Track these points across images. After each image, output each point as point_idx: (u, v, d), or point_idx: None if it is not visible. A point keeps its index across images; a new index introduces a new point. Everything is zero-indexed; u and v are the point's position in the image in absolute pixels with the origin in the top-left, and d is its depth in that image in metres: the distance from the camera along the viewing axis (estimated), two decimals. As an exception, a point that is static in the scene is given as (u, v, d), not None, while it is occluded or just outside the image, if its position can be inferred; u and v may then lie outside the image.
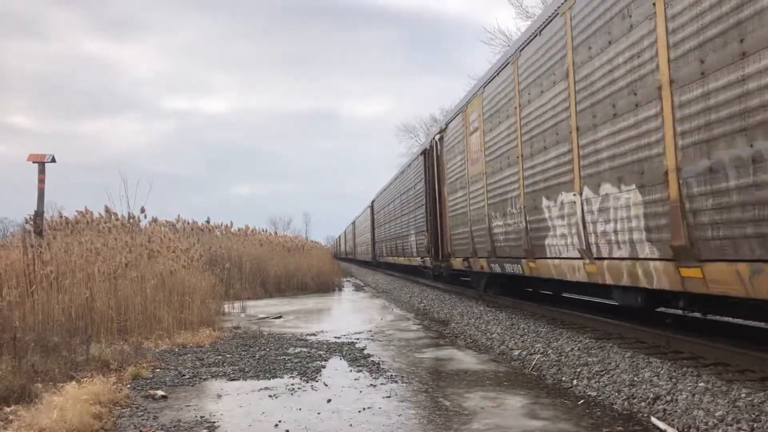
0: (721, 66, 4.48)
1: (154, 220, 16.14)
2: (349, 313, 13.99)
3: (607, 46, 6.15)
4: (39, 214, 12.61)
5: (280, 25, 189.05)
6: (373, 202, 32.62)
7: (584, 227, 6.81)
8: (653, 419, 4.39)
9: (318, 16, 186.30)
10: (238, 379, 6.27)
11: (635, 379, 5.25)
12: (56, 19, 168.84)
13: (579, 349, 6.69)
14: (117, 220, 13.11)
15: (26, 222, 14.40)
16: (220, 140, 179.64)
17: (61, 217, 15.55)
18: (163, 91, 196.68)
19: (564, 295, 11.06)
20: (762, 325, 6.36)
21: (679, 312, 7.12)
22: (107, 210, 13.43)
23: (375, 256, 31.98)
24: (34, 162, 12.83)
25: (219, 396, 5.57)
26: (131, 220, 12.82)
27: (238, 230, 22.75)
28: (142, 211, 12.49)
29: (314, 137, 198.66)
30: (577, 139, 6.94)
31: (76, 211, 15.09)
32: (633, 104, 5.72)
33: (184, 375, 6.46)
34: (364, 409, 4.96)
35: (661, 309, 7.30)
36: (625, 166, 5.92)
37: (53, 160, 13.00)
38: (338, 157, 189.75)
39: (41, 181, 12.75)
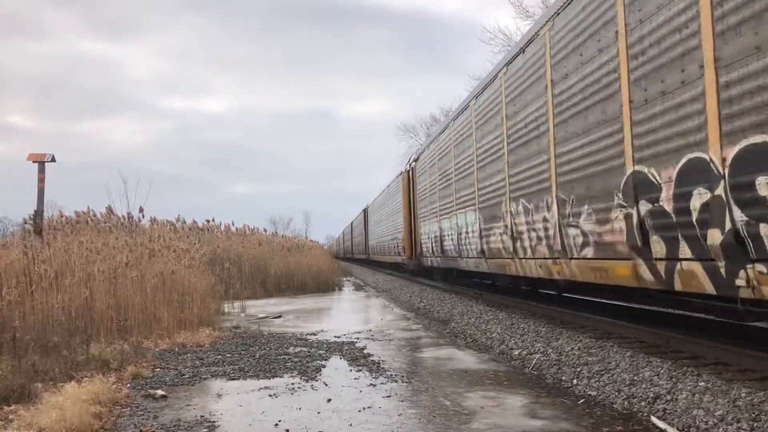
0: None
1: (154, 220, 16.15)
2: (349, 313, 13.99)
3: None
4: (39, 213, 12.62)
5: (278, 26, 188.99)
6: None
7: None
8: (653, 419, 4.39)
9: (317, 16, 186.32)
10: (238, 379, 6.27)
11: (635, 378, 5.25)
12: (54, 19, 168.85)
13: (579, 348, 6.69)
14: (117, 220, 13.11)
15: (25, 222, 14.40)
16: (219, 140, 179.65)
17: (62, 216, 15.53)
18: (161, 91, 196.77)
19: (564, 294, 11.05)
20: (762, 324, 6.36)
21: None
22: (109, 209, 13.44)
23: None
24: (34, 161, 12.85)
25: (219, 395, 5.57)
26: (131, 220, 12.83)
27: (237, 230, 22.74)
28: (141, 210, 12.50)
29: (314, 137, 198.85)
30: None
31: (75, 211, 15.09)
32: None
33: (184, 374, 6.46)
34: (364, 408, 4.96)
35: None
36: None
37: (53, 160, 13.03)
38: (338, 157, 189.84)
39: (41, 180, 12.77)
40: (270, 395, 5.52)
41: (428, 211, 16.33)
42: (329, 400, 5.25)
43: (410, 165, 20.22)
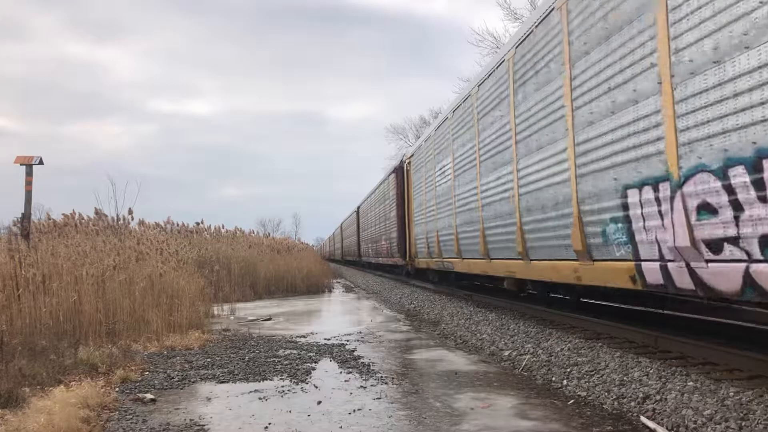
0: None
1: (143, 222, 16.07)
2: (339, 315, 13.97)
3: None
4: (26, 216, 12.52)
5: (266, 28, 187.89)
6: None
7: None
8: (643, 418, 4.41)
9: (304, 18, 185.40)
10: (228, 382, 6.24)
11: (625, 378, 5.27)
12: (38, 22, 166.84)
13: (569, 349, 6.71)
14: (105, 222, 13.04)
15: (13, 225, 14.28)
16: (208, 142, 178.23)
17: (49, 218, 15.43)
18: (148, 94, 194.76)
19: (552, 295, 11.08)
20: (750, 324, 6.41)
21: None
22: (97, 212, 13.37)
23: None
24: (21, 164, 12.73)
25: (208, 399, 5.54)
26: (119, 222, 12.76)
27: (227, 232, 22.67)
28: (130, 212, 12.44)
29: (303, 139, 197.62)
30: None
31: (62, 214, 15.00)
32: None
33: (173, 378, 6.42)
34: (354, 410, 4.95)
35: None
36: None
37: (41, 163, 12.92)
38: (327, 159, 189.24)
39: (28, 183, 12.66)
40: (260, 398, 5.50)
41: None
42: (319, 403, 5.24)
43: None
